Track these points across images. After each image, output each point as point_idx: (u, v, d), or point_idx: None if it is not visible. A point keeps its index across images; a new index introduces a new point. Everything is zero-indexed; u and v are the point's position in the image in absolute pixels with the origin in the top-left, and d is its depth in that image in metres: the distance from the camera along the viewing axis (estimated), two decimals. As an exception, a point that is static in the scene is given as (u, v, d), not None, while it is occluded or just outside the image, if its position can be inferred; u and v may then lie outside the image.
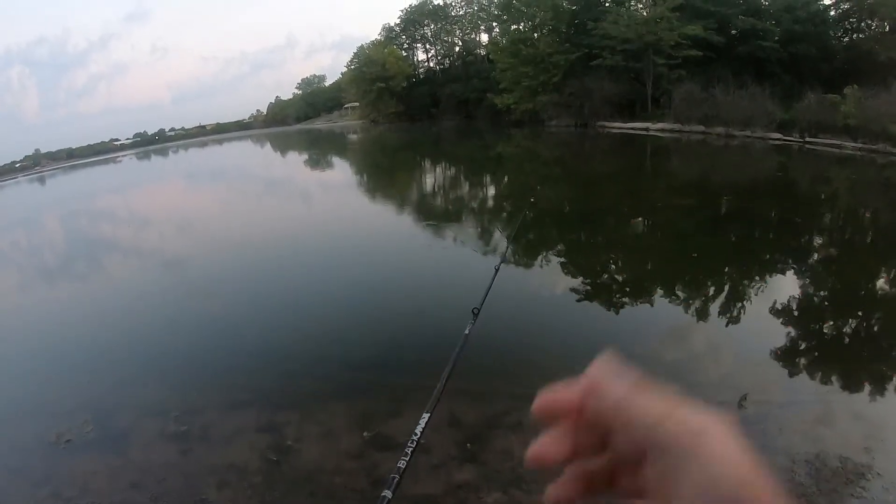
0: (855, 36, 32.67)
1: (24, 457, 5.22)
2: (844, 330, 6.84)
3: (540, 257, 10.34)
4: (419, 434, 0.94)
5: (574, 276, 9.18)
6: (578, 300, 7.97)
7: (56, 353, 8.00)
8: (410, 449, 0.91)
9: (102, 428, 5.46)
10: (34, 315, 10.44)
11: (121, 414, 5.69)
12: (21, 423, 5.87)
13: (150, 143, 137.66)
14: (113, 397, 6.12)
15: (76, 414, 5.72)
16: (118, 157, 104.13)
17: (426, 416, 1.00)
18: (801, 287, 8.15)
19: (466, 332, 1.45)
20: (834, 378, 5.52)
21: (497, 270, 2.77)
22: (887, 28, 29.69)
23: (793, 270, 9.08)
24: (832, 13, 33.26)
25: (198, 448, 4.97)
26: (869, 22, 31.52)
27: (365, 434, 4.76)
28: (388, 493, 0.76)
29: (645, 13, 34.58)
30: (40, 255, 17.84)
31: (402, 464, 0.87)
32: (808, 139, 22.92)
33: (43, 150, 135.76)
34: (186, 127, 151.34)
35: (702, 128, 27.99)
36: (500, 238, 11.73)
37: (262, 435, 4.97)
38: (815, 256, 9.83)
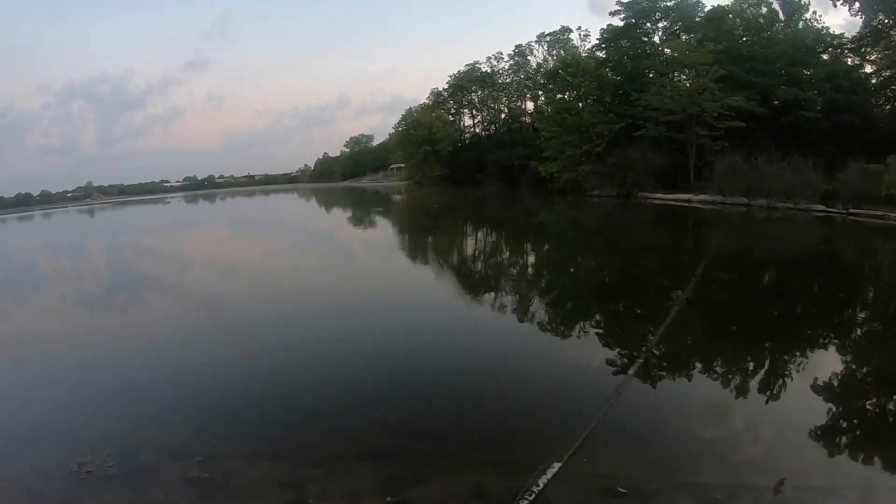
0: None
1: (44, 481, 5.29)
2: (889, 410, 6.52)
3: (577, 329, 10.22)
4: (542, 485, 0.93)
5: (611, 348, 9.02)
6: (615, 372, 7.80)
7: (86, 384, 8.21)
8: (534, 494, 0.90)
9: (124, 463, 5.49)
10: (67, 346, 10.75)
11: (144, 451, 5.73)
12: (45, 447, 5.98)
13: (199, 188, 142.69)
14: (138, 434, 6.17)
15: (100, 446, 5.78)
16: (167, 198, 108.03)
17: (557, 465, 0.98)
18: (843, 365, 7.88)
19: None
20: (875, 461, 5.24)
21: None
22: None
23: (835, 347, 8.79)
24: (873, 81, 33.17)
25: (218, 496, 4.94)
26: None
27: (389, 499, 4.68)
28: None
29: (688, 84, 34.89)
30: (79, 285, 18.51)
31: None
32: (851, 210, 22.45)
33: (95, 184, 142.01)
34: (235, 175, 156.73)
35: (744, 199, 27.70)
36: (539, 305, 11.68)
37: (284, 490, 4.92)
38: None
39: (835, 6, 30.11)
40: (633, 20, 42.10)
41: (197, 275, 18.71)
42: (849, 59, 35.04)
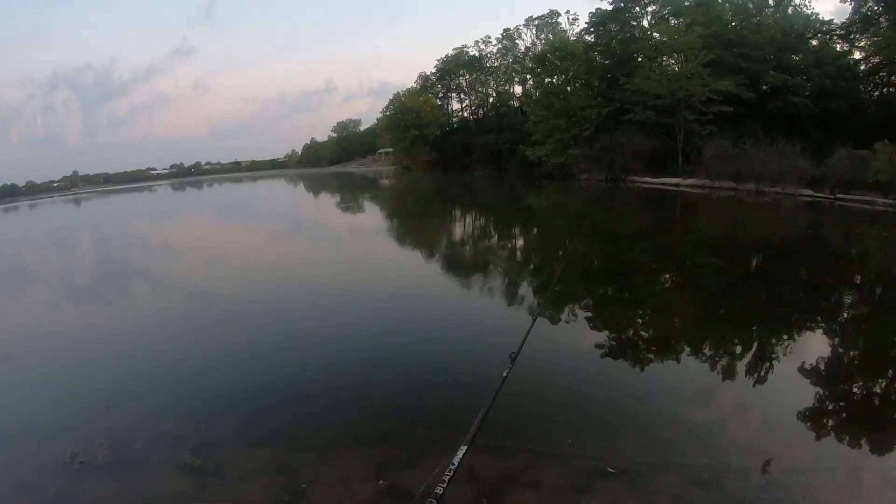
0: (885, 90, 32.59)
1: (37, 473, 5.27)
2: (874, 394, 6.62)
3: (566, 312, 10.25)
4: (457, 464, 0.97)
5: (600, 332, 9.08)
6: (602, 355, 7.86)
7: (77, 375, 8.14)
8: (448, 476, 0.94)
9: (117, 453, 5.49)
10: (58, 338, 10.60)
11: (137, 441, 5.72)
12: (37, 440, 5.95)
13: (186, 175, 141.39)
14: (130, 424, 6.15)
15: (92, 437, 5.76)
16: (153, 185, 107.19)
17: (464, 448, 1.02)
18: (830, 348, 7.97)
19: (505, 374, 1.46)
20: (862, 444, 5.32)
21: (534, 321, 2.74)
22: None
23: (822, 331, 8.89)
24: (862, 67, 33.36)
25: (211, 483, 4.96)
26: (899, 76, 31.50)
27: (381, 482, 4.71)
28: None
29: (677, 69, 34.94)
30: (67, 278, 18.24)
31: (439, 490, 0.90)
32: (838, 196, 22.63)
33: (81, 173, 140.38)
34: (222, 162, 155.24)
35: (732, 184, 27.82)
36: (528, 291, 11.72)
37: (277, 475, 4.94)
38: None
39: (824, -8, 30.10)
40: (622, 4, 41.94)
41: (184, 264, 18.56)
42: (838, 46, 35.13)
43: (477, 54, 66.91)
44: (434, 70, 71.12)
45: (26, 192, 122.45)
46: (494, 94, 66.98)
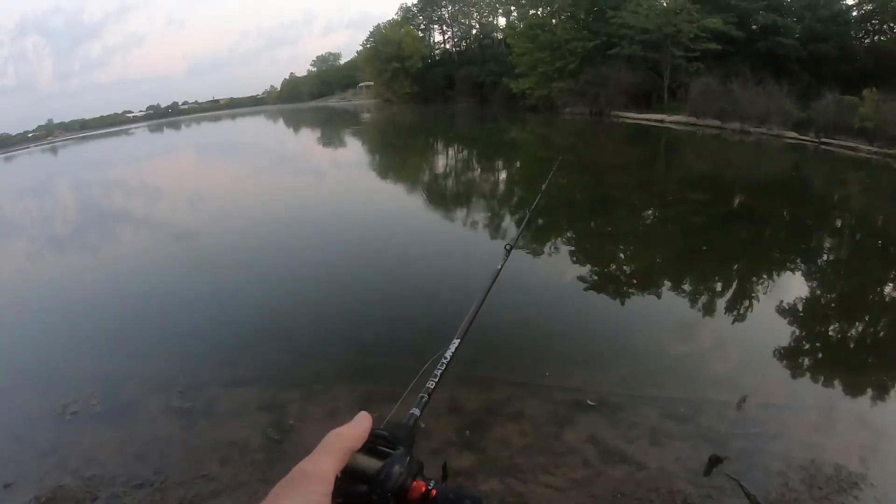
0: (877, 38, 32.10)
1: (31, 427, 5.27)
2: (850, 335, 6.80)
3: (548, 246, 10.32)
4: (449, 358, 1.01)
5: (582, 265, 9.20)
6: (585, 288, 8.00)
7: (64, 325, 8.05)
8: (441, 370, 0.97)
9: (108, 400, 5.53)
10: (42, 286, 10.50)
11: (126, 387, 5.75)
12: (28, 393, 5.93)
13: (163, 116, 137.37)
14: (119, 370, 6.16)
15: (82, 386, 5.78)
16: (130, 129, 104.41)
17: (457, 341, 1.06)
18: (808, 290, 8.11)
19: (499, 266, 1.49)
20: (836, 384, 5.50)
21: (528, 216, 2.69)
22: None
23: (801, 272, 9.04)
24: (854, 13, 32.74)
25: (201, 423, 5.03)
26: (891, 24, 30.77)
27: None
28: (416, 412, 0.84)
29: (665, 3, 34.05)
30: (49, 227, 17.75)
31: (431, 384, 0.94)
32: (823, 140, 22.48)
33: (56, 121, 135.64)
34: (200, 100, 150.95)
35: (717, 122, 27.66)
36: (510, 224, 11.70)
37: (265, 413, 5.02)
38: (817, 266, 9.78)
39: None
40: (611, -67, 40.44)
41: (164, 206, 18.23)
42: (830, -10, 34.28)
43: (460, -16, 64.82)
44: (415, 1, 69.06)
45: (1, 144, 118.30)
46: (477, 26, 65.20)
